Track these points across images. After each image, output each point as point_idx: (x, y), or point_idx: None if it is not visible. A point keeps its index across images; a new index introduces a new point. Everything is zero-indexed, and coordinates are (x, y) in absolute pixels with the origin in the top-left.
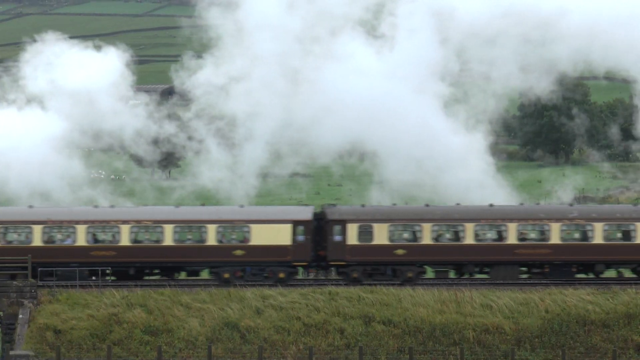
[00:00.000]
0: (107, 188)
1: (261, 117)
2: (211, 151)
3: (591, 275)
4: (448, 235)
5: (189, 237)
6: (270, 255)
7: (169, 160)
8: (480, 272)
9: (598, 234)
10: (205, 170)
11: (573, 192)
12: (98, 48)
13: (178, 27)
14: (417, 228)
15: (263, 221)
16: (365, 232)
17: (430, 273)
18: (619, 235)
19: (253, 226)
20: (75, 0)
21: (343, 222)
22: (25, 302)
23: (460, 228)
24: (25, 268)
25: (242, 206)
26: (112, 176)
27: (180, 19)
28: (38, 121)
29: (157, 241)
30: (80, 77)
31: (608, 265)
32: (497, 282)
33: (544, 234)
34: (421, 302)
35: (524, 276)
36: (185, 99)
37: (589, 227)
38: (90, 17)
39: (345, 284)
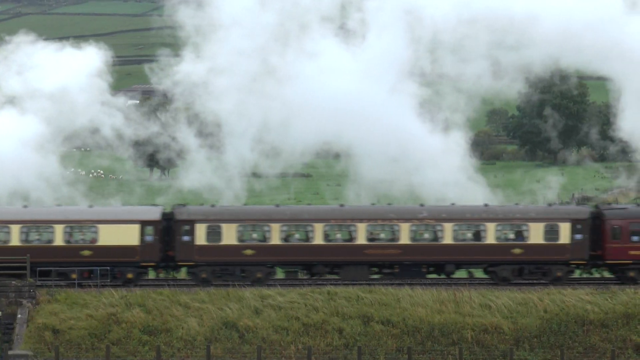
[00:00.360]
0: (94, 187)
1: (240, 116)
2: (192, 151)
3: (443, 276)
4: (298, 236)
5: (37, 237)
6: (118, 256)
7: (167, 160)
8: (331, 273)
9: (448, 234)
10: (191, 171)
11: (555, 192)
12: (76, 47)
13: (177, 27)
14: (266, 228)
15: (111, 221)
16: (214, 233)
17: (280, 273)
18: (469, 235)
19: (101, 226)
20: (75, 0)
21: (191, 222)
22: (24, 301)
23: (309, 228)
24: None
25: (91, 206)
26: (111, 176)
27: (152, 18)
28: (13, 122)
29: (5, 242)
30: (54, 77)
31: (458, 265)
32: (347, 282)
33: (393, 234)
34: (420, 302)
35: (375, 276)
36: (166, 98)
37: (438, 228)
38: (89, 16)
39: (194, 285)
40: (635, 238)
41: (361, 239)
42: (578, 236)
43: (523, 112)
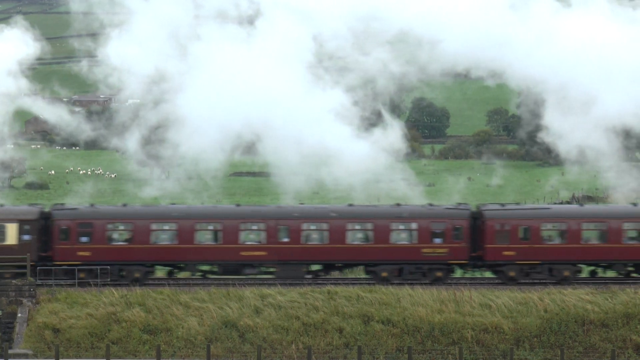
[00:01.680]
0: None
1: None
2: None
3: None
4: None
5: None
6: None
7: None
8: None
9: None
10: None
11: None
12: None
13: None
14: None
15: None
16: None
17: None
18: None
19: None
20: None
21: None
22: (24, 301)
23: None
24: None
25: None
26: (112, 175)
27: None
28: None
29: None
30: None
31: None
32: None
33: None
34: (420, 301)
35: None
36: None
37: None
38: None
39: None
40: (83, 239)
41: None
42: (26, 237)
43: (523, 112)
